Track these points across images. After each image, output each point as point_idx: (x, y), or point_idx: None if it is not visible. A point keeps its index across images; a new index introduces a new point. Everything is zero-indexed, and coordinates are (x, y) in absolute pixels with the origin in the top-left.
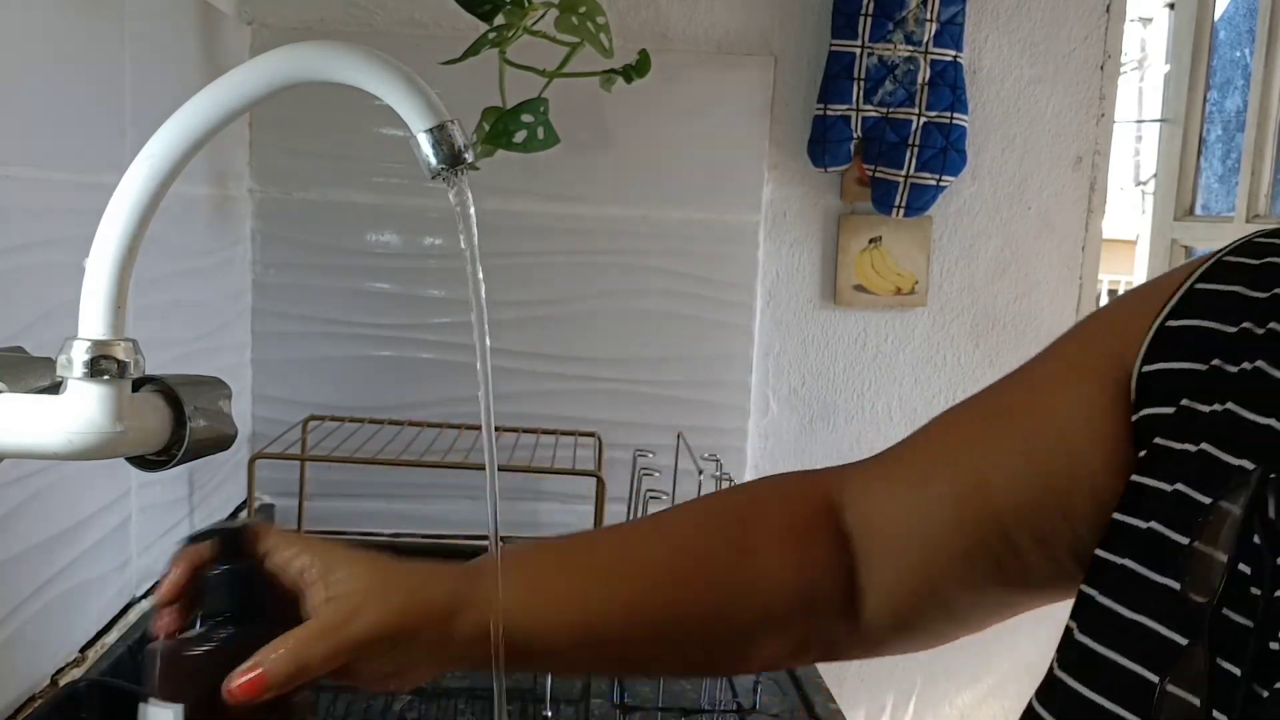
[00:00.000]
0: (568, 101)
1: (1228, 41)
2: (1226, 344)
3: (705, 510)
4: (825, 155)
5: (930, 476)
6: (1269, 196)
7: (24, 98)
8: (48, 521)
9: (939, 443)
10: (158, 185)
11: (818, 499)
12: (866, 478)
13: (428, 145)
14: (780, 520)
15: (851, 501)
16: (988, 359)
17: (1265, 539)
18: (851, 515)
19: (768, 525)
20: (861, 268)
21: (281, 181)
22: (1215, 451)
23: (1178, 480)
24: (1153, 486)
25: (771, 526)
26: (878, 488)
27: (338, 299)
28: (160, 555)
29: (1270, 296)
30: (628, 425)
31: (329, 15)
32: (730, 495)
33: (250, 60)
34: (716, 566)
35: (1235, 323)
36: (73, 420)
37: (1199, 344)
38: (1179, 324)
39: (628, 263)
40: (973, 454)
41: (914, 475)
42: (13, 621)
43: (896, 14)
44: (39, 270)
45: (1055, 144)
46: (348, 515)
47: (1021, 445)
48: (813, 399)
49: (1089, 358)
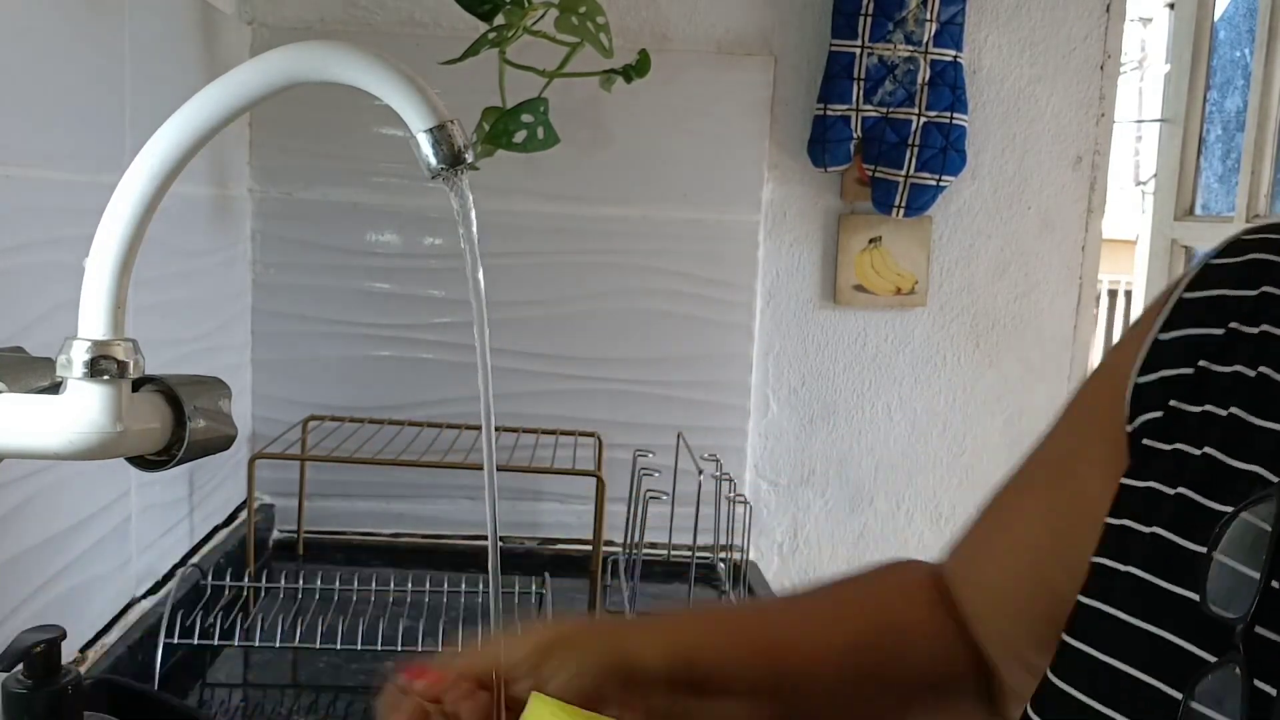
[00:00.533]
0: (568, 101)
1: (1228, 41)
2: (1213, 347)
3: (848, 590)
4: (825, 155)
5: (992, 556)
6: (1269, 196)
7: (24, 98)
8: (48, 521)
9: (995, 522)
10: (158, 185)
11: (931, 582)
12: (948, 560)
13: (428, 145)
14: (916, 599)
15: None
16: (988, 359)
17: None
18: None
19: (908, 601)
20: (861, 268)
21: (281, 181)
22: (1221, 456)
23: (1180, 484)
24: (1148, 489)
25: (910, 602)
26: (949, 567)
27: (338, 299)
28: (160, 555)
29: (1259, 295)
30: (628, 425)
31: (329, 15)
32: (863, 578)
33: (250, 60)
34: (874, 630)
35: (1222, 324)
36: (73, 420)
37: (1187, 351)
38: (1169, 336)
39: (628, 263)
40: (1023, 531)
41: (980, 557)
42: (13, 621)
43: (896, 14)
44: (39, 270)
45: (1055, 144)
46: (348, 515)
47: (1057, 522)
48: (813, 399)
49: (1098, 412)
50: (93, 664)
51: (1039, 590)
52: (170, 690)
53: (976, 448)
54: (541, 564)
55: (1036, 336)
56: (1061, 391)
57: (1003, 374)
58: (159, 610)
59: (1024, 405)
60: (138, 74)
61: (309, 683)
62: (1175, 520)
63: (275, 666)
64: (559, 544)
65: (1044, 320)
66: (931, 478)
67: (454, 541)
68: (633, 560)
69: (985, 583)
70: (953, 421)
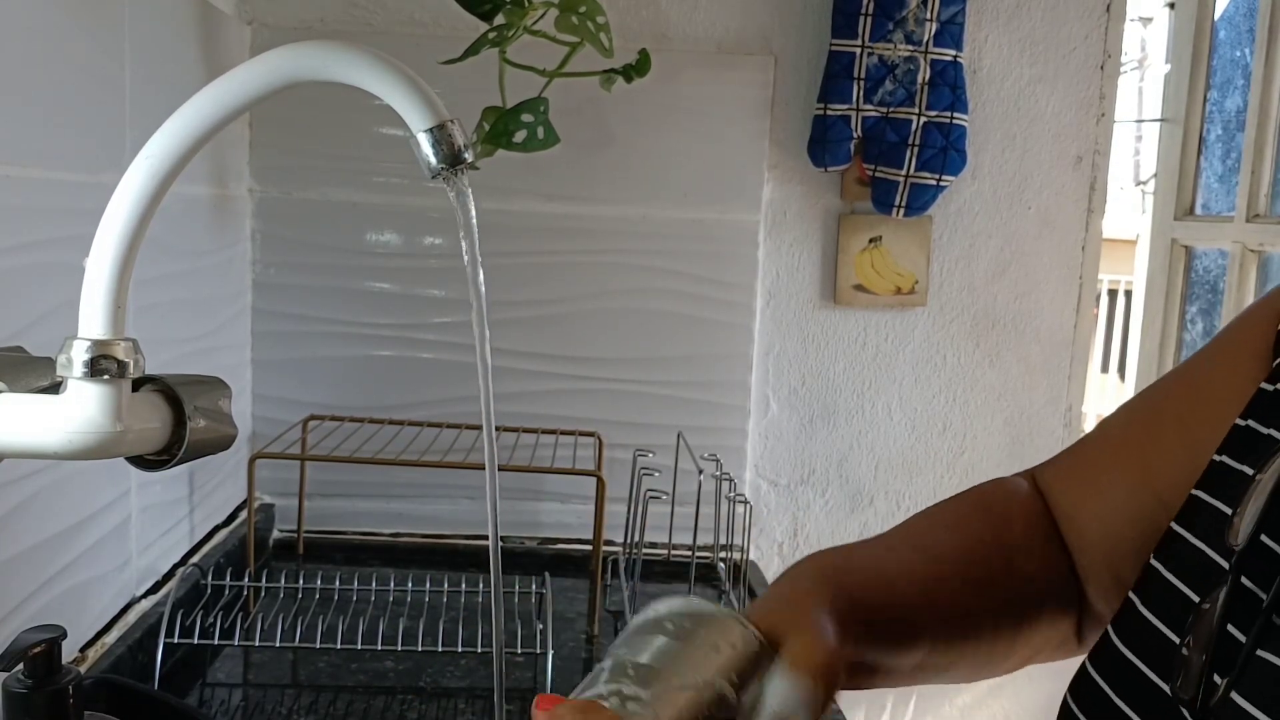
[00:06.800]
0: (568, 101)
1: (1228, 41)
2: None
3: (954, 512)
4: (825, 155)
5: (1104, 474)
6: (1269, 196)
7: (24, 98)
8: (48, 521)
9: (1108, 441)
10: (158, 185)
11: (1034, 501)
12: (1053, 479)
13: (428, 145)
14: (1020, 517)
15: (1047, 501)
16: (988, 359)
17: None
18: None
19: (1011, 525)
20: (861, 267)
21: (281, 181)
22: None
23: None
24: (1265, 434)
25: (1018, 519)
26: (1059, 488)
27: (338, 299)
28: (160, 555)
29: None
30: (628, 425)
31: (329, 15)
32: (969, 499)
33: (250, 60)
34: (992, 557)
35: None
36: (73, 420)
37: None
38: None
39: (628, 263)
40: (1139, 451)
41: (1090, 474)
42: (13, 621)
43: (896, 14)
44: (39, 270)
45: (1055, 144)
46: (348, 515)
47: (1182, 436)
48: (813, 399)
49: (1249, 335)
50: (93, 664)
51: (1151, 524)
52: (170, 690)
53: (976, 447)
54: (541, 564)
55: (1036, 336)
56: (1061, 391)
57: (1003, 374)
58: (159, 610)
59: (1024, 405)
60: (138, 74)
61: (309, 683)
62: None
63: (275, 666)
64: (559, 544)
65: (1044, 320)
66: (931, 477)
67: (454, 541)
68: (633, 560)
69: (1103, 511)
70: (953, 421)
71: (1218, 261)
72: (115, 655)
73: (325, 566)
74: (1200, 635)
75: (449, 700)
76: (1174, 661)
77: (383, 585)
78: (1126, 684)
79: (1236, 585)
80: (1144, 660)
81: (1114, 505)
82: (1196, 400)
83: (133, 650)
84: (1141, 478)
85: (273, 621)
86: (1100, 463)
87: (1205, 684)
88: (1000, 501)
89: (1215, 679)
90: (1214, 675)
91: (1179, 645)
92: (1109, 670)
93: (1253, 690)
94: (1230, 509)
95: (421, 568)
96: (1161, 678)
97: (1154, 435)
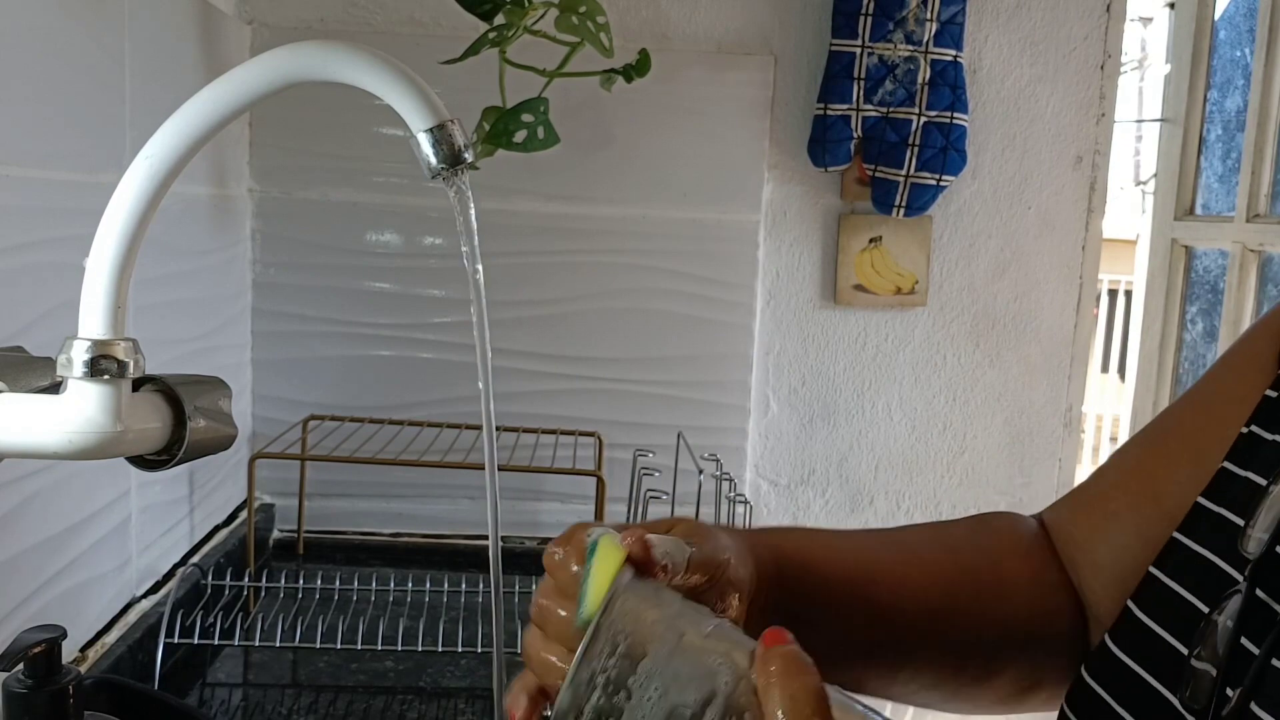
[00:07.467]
0: (568, 101)
1: (1228, 41)
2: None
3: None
4: (825, 155)
5: (1115, 499)
6: (1269, 196)
7: (24, 98)
8: (48, 521)
9: (1119, 469)
10: (158, 185)
11: (1038, 533)
12: (1065, 510)
13: (428, 145)
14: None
15: (1055, 536)
16: (988, 359)
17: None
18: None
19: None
20: (861, 267)
21: (281, 181)
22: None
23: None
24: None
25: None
26: (1071, 518)
27: (338, 299)
28: (160, 555)
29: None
30: (628, 425)
31: (329, 15)
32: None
33: (250, 60)
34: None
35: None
36: (73, 420)
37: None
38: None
39: (628, 263)
40: (1148, 474)
41: (1101, 501)
42: (13, 621)
43: (896, 13)
44: (39, 270)
45: (1055, 144)
46: (348, 515)
47: (1190, 454)
48: (813, 399)
49: (1254, 350)
50: (93, 664)
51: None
52: (170, 690)
53: (976, 447)
54: (541, 564)
55: (1036, 336)
56: (1061, 391)
57: (1003, 373)
58: (159, 610)
59: (1024, 405)
60: (138, 74)
61: (309, 682)
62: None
63: (275, 666)
64: None
65: (1044, 320)
66: (931, 477)
67: (454, 541)
68: None
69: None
70: (953, 421)
71: (1218, 261)
72: (115, 655)
73: (325, 566)
74: (1211, 645)
75: (449, 700)
76: (1182, 671)
77: (383, 585)
78: (1129, 693)
79: (1250, 596)
80: (1147, 669)
81: (1126, 527)
82: (1204, 419)
83: (133, 650)
84: (1152, 499)
85: (273, 621)
86: (1112, 489)
87: (1218, 695)
88: (994, 533)
89: (1228, 691)
90: (1226, 687)
91: (1188, 656)
92: (1109, 679)
93: (1272, 701)
94: (1236, 516)
95: (421, 568)
96: (1166, 686)
97: (1163, 457)
